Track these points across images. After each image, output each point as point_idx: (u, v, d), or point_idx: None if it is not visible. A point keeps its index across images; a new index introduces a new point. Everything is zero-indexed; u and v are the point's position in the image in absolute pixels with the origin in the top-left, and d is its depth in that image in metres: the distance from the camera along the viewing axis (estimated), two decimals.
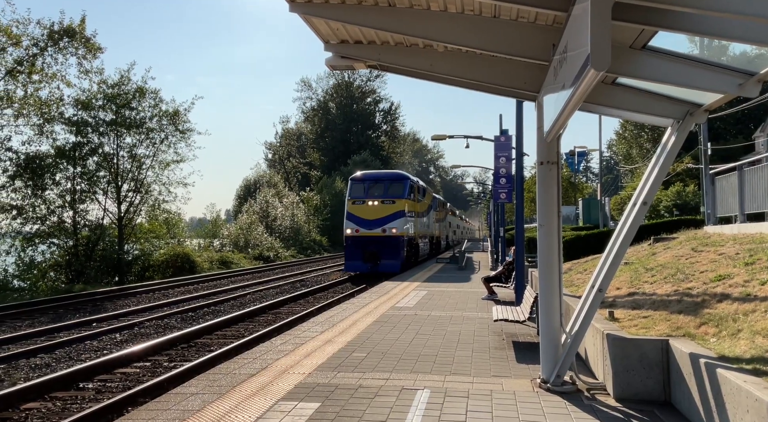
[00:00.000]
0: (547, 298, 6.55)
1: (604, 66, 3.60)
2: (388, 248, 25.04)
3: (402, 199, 26.08)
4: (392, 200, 25.80)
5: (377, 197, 25.91)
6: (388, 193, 26.19)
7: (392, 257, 25.17)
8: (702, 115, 5.69)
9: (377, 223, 25.33)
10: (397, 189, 26.52)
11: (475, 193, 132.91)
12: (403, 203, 25.98)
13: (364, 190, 26.33)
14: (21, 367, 10.02)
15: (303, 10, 5.95)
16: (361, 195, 26.23)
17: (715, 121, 42.52)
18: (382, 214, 25.46)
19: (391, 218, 25.37)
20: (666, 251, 11.14)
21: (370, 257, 25.24)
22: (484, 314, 11.98)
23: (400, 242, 25.37)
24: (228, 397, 6.11)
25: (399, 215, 25.61)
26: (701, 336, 5.89)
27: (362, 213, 25.73)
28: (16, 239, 27.39)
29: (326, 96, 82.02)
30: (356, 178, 27.57)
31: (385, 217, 25.40)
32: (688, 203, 38.74)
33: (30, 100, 27.31)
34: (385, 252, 25.07)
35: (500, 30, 5.75)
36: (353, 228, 25.63)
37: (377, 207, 25.68)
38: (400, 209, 25.72)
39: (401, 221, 25.57)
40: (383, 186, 26.52)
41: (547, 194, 6.57)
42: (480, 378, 6.89)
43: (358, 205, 26.01)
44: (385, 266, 25.03)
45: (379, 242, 25.13)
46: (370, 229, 25.31)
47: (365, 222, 25.48)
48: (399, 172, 30.27)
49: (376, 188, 26.52)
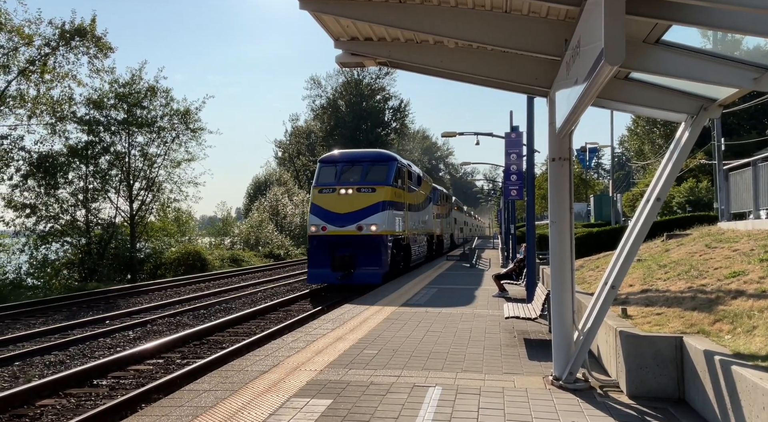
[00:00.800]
0: (560, 295, 6.51)
1: (618, 60, 3.57)
2: (366, 252, 18.82)
3: (385, 186, 19.70)
4: (372, 188, 19.47)
5: (352, 184, 19.70)
6: (367, 178, 19.88)
7: (371, 264, 18.95)
8: (716, 110, 5.63)
9: (351, 218, 19.11)
10: (378, 173, 20.13)
11: (486, 190, 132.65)
12: (386, 192, 19.66)
13: (336, 174, 20.13)
14: (36, 364, 10.12)
15: (313, 7, 5.95)
16: (331, 181, 20.00)
17: (728, 116, 42.11)
18: (358, 206, 19.22)
19: (369, 211, 19.07)
20: (679, 247, 11.05)
21: (341, 263, 18.95)
22: (495, 312, 11.95)
23: (381, 244, 19.03)
24: (240, 394, 6.13)
25: (381, 207, 19.28)
26: (716, 333, 5.84)
27: (331, 205, 19.39)
28: (30, 238, 27.66)
29: (335, 94, 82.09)
30: (326, 159, 21.18)
31: (361, 210, 19.15)
32: (702, 200, 38.40)
33: (42, 99, 27.55)
34: (361, 257, 18.89)
35: (511, 25, 5.72)
36: (318, 225, 19.35)
37: (352, 197, 19.40)
38: (382, 200, 19.36)
39: (384, 216, 19.25)
40: (361, 169, 20.24)
41: (558, 191, 6.53)
42: (492, 375, 6.87)
43: (326, 194, 19.65)
44: (362, 275, 18.89)
45: (353, 244, 18.94)
46: (342, 226, 19.12)
47: (335, 217, 19.22)
48: (382, 151, 22.79)
49: (352, 172, 20.29)
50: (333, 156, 21.35)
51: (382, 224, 19.16)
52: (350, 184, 19.81)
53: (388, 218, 19.56)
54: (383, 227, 19.18)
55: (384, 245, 19.17)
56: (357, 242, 18.93)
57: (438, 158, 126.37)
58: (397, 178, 20.83)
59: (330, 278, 19.25)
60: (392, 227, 20.04)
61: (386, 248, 19.31)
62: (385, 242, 19.27)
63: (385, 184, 19.85)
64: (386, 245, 19.34)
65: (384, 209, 19.39)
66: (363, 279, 18.84)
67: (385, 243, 19.25)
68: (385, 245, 19.22)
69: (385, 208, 19.42)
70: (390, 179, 20.13)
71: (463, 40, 6.15)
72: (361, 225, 19.02)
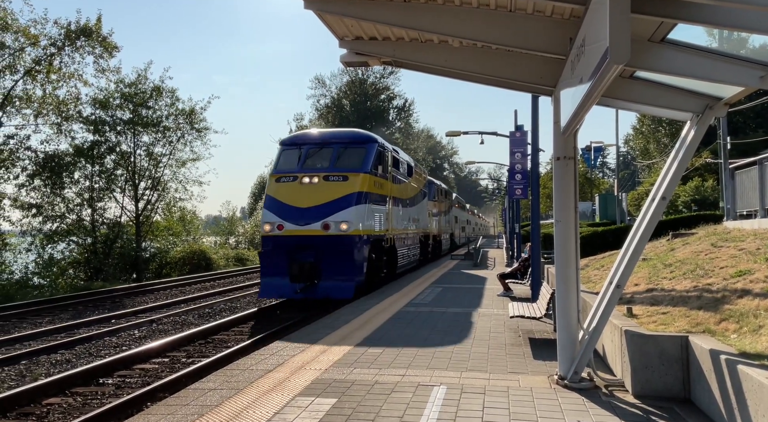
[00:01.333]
0: (565, 294, 6.51)
1: (623, 59, 3.56)
2: (334, 257, 14.81)
3: (361, 173, 15.54)
4: (343, 176, 15.38)
5: (319, 171, 15.63)
6: (339, 164, 15.82)
7: (340, 272, 14.81)
8: (722, 108, 5.61)
9: (315, 213, 15.01)
10: (353, 157, 16.06)
11: (490, 189, 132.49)
12: (362, 181, 15.49)
13: (299, 159, 16.08)
14: (42, 363, 10.17)
15: (318, 7, 5.96)
16: (292, 168, 15.96)
17: (734, 115, 41.91)
18: (325, 198, 15.13)
19: (339, 204, 15.05)
20: (685, 246, 11.01)
21: (301, 272, 14.73)
22: (500, 311, 11.94)
23: (354, 246, 14.89)
24: (245, 393, 6.15)
25: (354, 199, 15.16)
26: (721, 333, 5.82)
27: (291, 197, 15.33)
28: (36, 237, 27.80)
29: (340, 93, 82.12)
30: (288, 140, 17.09)
31: (329, 204, 15.08)
32: (707, 199, 38.28)
33: (48, 99, 27.68)
34: (328, 264, 14.82)
35: (516, 24, 5.71)
36: (273, 223, 15.24)
37: (317, 187, 15.27)
38: (356, 190, 15.25)
39: (358, 211, 15.15)
40: (331, 153, 16.09)
41: (563, 190, 6.52)
42: (496, 374, 6.87)
43: (285, 184, 15.55)
44: (329, 288, 14.77)
45: (317, 247, 14.87)
46: (303, 224, 14.98)
47: (295, 212, 15.14)
48: (359, 131, 18.48)
49: (320, 156, 16.21)
50: (297, 137, 17.27)
51: (355, 222, 14.95)
52: (316, 171, 15.64)
53: (365, 214, 15.39)
54: (357, 225, 15.01)
55: (358, 249, 14.99)
56: (322, 244, 14.85)
57: (443, 157, 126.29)
58: (377, 164, 16.59)
59: (287, 291, 14.99)
60: (370, 225, 15.83)
61: (361, 251, 15.13)
62: (359, 244, 15.05)
63: (361, 171, 15.60)
64: (361, 248, 15.14)
65: (359, 202, 15.18)
66: (330, 292, 14.73)
67: (359, 246, 15.04)
68: (359, 249, 15.02)
69: (360, 201, 15.22)
70: (368, 165, 15.87)
71: (467, 39, 6.15)
72: (328, 223, 14.85)
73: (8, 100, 26.24)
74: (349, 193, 15.22)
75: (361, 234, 15.14)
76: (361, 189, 15.42)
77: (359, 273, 15.11)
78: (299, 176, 15.53)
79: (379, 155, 16.90)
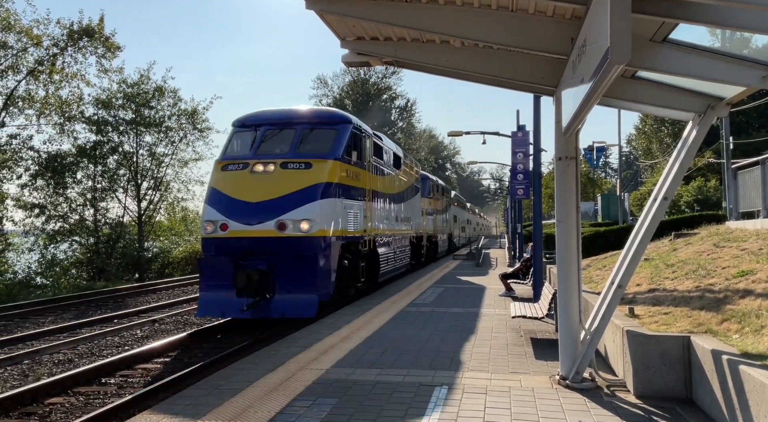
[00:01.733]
0: (566, 294, 6.51)
1: (624, 59, 3.56)
2: (292, 264, 11.75)
3: (329, 160, 12.50)
4: (305, 163, 12.31)
5: (276, 157, 12.55)
6: (300, 148, 12.78)
7: (300, 284, 11.69)
8: (724, 108, 5.60)
9: (268, 209, 11.99)
10: (320, 141, 13.05)
11: (492, 189, 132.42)
12: (330, 169, 12.43)
13: (253, 143, 13.07)
14: (45, 363, 10.19)
15: (319, 7, 5.97)
16: (244, 153, 13.04)
17: (737, 115, 41.86)
18: (281, 190, 12.08)
19: (300, 198, 12.00)
20: (687, 246, 11.00)
21: (249, 284, 11.66)
22: (501, 311, 11.94)
23: (318, 250, 11.88)
24: (247, 392, 6.16)
25: (320, 192, 12.09)
26: (723, 333, 5.81)
27: (239, 189, 12.30)
28: (39, 237, 27.87)
29: (342, 93, 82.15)
30: (242, 120, 13.79)
31: (286, 197, 12.01)
32: (710, 199, 38.22)
33: (51, 99, 27.76)
34: (284, 273, 11.78)
35: (517, 25, 5.71)
36: (216, 221, 12.19)
37: (272, 177, 12.23)
38: (322, 181, 12.21)
39: (324, 206, 12.09)
40: (292, 136, 12.98)
41: (565, 190, 6.52)
42: (498, 374, 6.87)
43: (233, 172, 12.56)
44: (285, 304, 11.65)
45: (271, 252, 11.88)
46: (253, 223, 11.97)
47: (243, 208, 12.10)
48: (329, 109, 15.84)
49: (279, 139, 13.13)
50: (252, 116, 13.86)
51: (320, 220, 11.85)
52: (273, 157, 12.51)
53: (333, 211, 12.33)
54: (322, 223, 11.88)
55: (323, 253, 11.88)
56: (277, 248, 11.78)
57: (445, 157, 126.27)
58: (352, 149, 13.53)
59: (232, 308, 11.69)
60: (341, 224, 12.69)
61: (328, 257, 11.98)
62: (325, 247, 11.94)
63: (330, 157, 12.53)
64: (328, 252, 12.00)
65: (326, 195, 12.11)
66: (286, 311, 11.51)
67: (325, 250, 11.93)
68: (325, 253, 11.91)
69: (327, 194, 12.16)
70: (338, 151, 12.80)
71: (469, 39, 6.15)
72: (284, 222, 11.74)
73: (11, 101, 26.32)
74: (313, 184, 12.10)
75: (328, 235, 12.02)
76: (330, 179, 12.33)
77: (325, 285, 11.92)
78: (251, 164, 12.41)
79: (355, 139, 13.82)
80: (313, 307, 11.48)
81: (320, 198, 12.04)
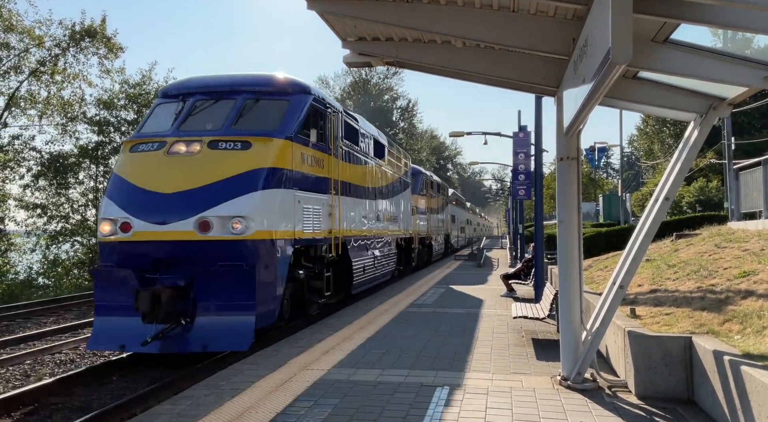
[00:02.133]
0: (568, 295, 6.50)
1: (625, 59, 3.56)
2: (220, 278, 8.62)
3: (276, 139, 9.46)
4: (242, 141, 9.29)
5: (204, 134, 9.52)
6: (238, 124, 9.75)
7: (232, 305, 8.55)
8: (726, 109, 5.60)
9: (186, 203, 8.83)
10: (265, 115, 9.97)
11: (494, 190, 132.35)
12: (278, 151, 9.42)
13: (177, 116, 10.06)
14: (47, 363, 10.21)
15: (321, 8, 5.97)
16: (163, 129, 9.91)
17: (738, 115, 41.78)
18: (207, 178, 8.96)
19: (230, 188, 8.90)
20: (689, 247, 10.99)
21: (156, 305, 8.46)
22: (503, 312, 11.93)
23: (255, 259, 8.77)
24: (248, 393, 6.16)
25: (261, 179, 9.05)
26: (725, 334, 5.81)
27: (147, 176, 9.19)
28: (41, 238, 27.92)
29: (344, 94, 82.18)
30: (167, 90, 11.03)
31: (212, 186, 8.89)
32: (711, 199, 38.15)
33: (53, 100, 27.83)
34: (207, 290, 8.63)
35: (519, 25, 5.71)
36: (116, 219, 9.02)
37: (196, 161, 9.11)
38: (264, 166, 9.14)
39: (265, 199, 9.06)
40: (230, 107, 9.97)
41: (566, 191, 6.51)
42: (499, 375, 6.87)
43: (143, 154, 9.45)
44: (208, 332, 8.59)
45: (190, 260, 8.72)
46: (164, 221, 8.79)
47: (151, 201, 8.94)
48: (282, 75, 10.80)
49: (211, 112, 10.13)
50: (182, 83, 10.87)
51: (260, 216, 8.87)
52: (199, 134, 9.43)
53: (281, 205, 9.36)
54: (264, 221, 8.92)
55: (265, 262, 8.91)
56: (199, 256, 8.70)
57: (446, 157, 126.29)
58: (310, 127, 10.37)
59: (131, 338, 8.65)
60: (294, 223, 9.68)
61: (272, 267, 9.04)
62: (266, 254, 8.97)
63: (278, 135, 9.46)
64: (272, 260, 9.05)
65: (269, 184, 9.10)
66: (210, 341, 8.54)
67: (267, 257, 8.96)
68: (267, 262, 8.95)
69: (272, 183, 9.15)
70: (291, 127, 9.75)
71: (470, 39, 6.15)
72: (208, 219, 8.69)
73: (13, 101, 26.37)
74: (252, 169, 8.90)
75: (271, 238, 8.95)
76: (277, 164, 9.19)
77: (266, 304, 8.82)
78: (169, 142, 9.14)
79: (316, 115, 10.59)
80: (247, 336, 8.34)
81: (261, 188, 8.86)
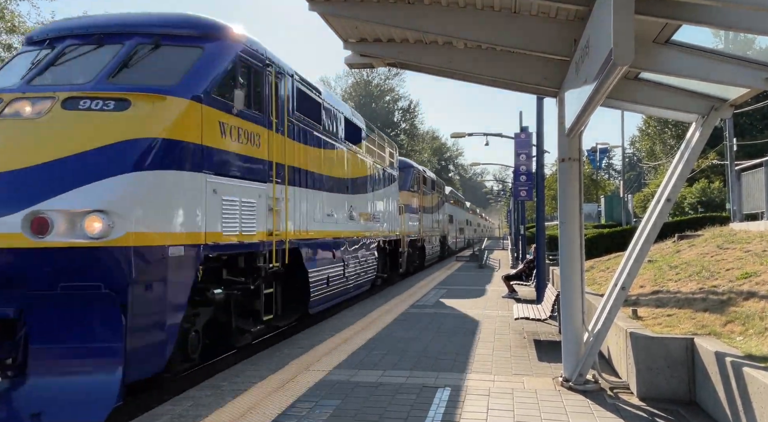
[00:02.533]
0: (569, 296, 6.49)
1: (627, 61, 3.56)
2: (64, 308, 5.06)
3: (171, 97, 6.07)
4: (114, 99, 5.86)
5: (63, 89, 6.04)
6: (118, 77, 6.31)
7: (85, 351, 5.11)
8: (727, 110, 5.60)
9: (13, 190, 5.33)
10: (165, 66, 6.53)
11: (495, 191, 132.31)
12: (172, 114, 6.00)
13: (36, 64, 6.65)
14: None
15: (322, 9, 5.98)
16: (7, 83, 6.48)
17: (740, 116, 41.73)
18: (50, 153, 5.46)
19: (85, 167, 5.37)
20: (690, 248, 10.98)
21: None
22: (504, 313, 11.92)
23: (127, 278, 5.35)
24: (249, 394, 6.16)
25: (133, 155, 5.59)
26: (727, 335, 5.80)
27: None
28: None
29: (345, 95, 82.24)
30: (32, 35, 7.44)
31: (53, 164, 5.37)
32: (713, 200, 38.11)
33: None
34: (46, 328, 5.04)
35: (520, 26, 5.71)
36: None
37: (38, 126, 5.75)
38: (144, 135, 5.71)
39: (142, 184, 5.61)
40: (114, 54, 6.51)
41: (568, 192, 6.51)
42: (501, 376, 6.86)
43: None
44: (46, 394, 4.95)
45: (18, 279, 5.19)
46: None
47: None
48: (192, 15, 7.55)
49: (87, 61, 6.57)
50: (53, 24, 7.87)
51: (134, 210, 5.60)
52: (55, 89, 6.20)
53: (174, 193, 6.08)
54: (141, 218, 5.65)
55: (142, 281, 5.68)
56: (33, 272, 5.36)
57: (448, 158, 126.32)
58: (234, 87, 7.23)
59: None
60: (203, 222, 6.50)
61: (156, 287, 5.84)
62: (147, 270, 5.71)
63: (178, 93, 6.25)
64: (155, 278, 5.82)
65: (154, 163, 5.82)
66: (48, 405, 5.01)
67: (147, 274, 5.72)
68: (145, 281, 5.72)
69: (156, 161, 5.84)
70: (200, 83, 6.56)
71: (471, 40, 6.15)
72: (44, 216, 5.29)
73: None
74: (125, 139, 5.77)
75: (158, 245, 5.83)
76: (173, 135, 6.06)
77: (149, 341, 5.87)
78: (5, 100, 6.09)
79: (246, 72, 7.70)
80: (105, 401, 5.22)
81: (139, 168, 5.71)
